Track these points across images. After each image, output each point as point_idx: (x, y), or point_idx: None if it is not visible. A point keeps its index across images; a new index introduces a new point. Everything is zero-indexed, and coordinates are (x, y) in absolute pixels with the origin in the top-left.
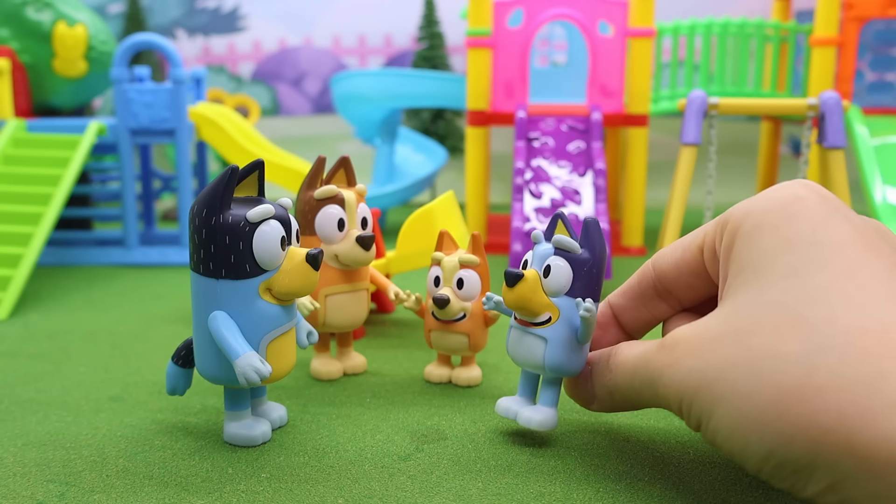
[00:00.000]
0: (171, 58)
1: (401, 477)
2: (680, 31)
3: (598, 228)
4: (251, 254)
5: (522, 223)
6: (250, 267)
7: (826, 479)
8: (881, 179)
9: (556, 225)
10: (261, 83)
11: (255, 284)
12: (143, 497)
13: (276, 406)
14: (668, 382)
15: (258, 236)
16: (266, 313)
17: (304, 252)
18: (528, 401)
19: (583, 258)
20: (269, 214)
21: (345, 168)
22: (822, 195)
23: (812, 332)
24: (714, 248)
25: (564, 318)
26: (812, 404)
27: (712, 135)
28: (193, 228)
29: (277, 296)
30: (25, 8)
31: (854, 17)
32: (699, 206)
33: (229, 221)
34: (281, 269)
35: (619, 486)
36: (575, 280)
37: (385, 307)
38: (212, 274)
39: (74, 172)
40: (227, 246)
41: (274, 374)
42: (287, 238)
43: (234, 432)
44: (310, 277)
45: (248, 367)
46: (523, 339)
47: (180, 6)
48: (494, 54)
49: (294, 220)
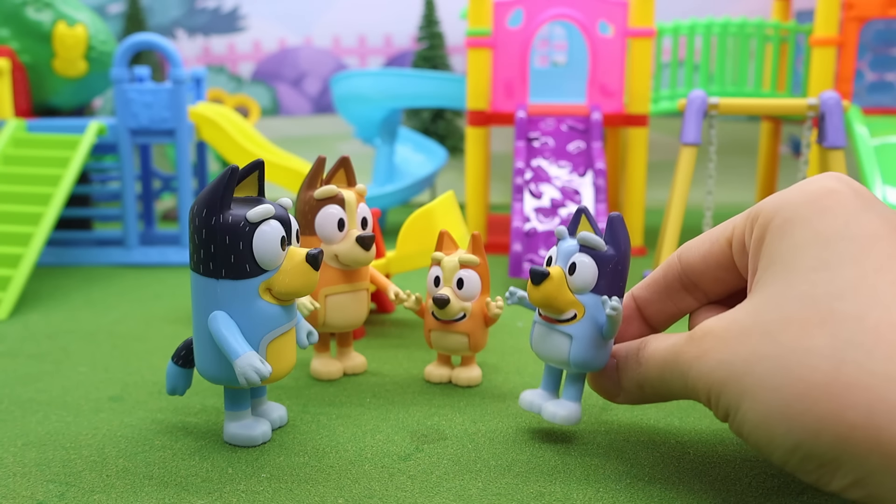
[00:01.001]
0: (171, 58)
1: (401, 477)
2: (680, 31)
3: (622, 224)
4: (251, 254)
5: (522, 223)
6: (250, 267)
7: (852, 474)
8: (881, 179)
9: (581, 220)
10: (261, 83)
11: (255, 284)
12: (143, 497)
13: (276, 406)
14: (696, 374)
15: (258, 236)
16: (266, 313)
17: (305, 252)
18: (551, 395)
19: (608, 255)
20: (269, 214)
21: (345, 168)
22: (855, 189)
23: (841, 327)
24: (743, 242)
25: (590, 314)
26: (840, 400)
27: (712, 135)
28: (193, 228)
29: (277, 296)
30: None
31: (854, 17)
32: (699, 206)
33: (229, 221)
34: (281, 269)
35: (619, 486)
36: (600, 277)
37: (385, 307)
38: (212, 274)
39: (74, 172)
40: (227, 246)
41: (274, 374)
42: (287, 238)
43: (234, 432)
44: (310, 277)
45: (248, 367)
46: (548, 336)
47: (180, 6)
48: (494, 54)
49: (294, 220)
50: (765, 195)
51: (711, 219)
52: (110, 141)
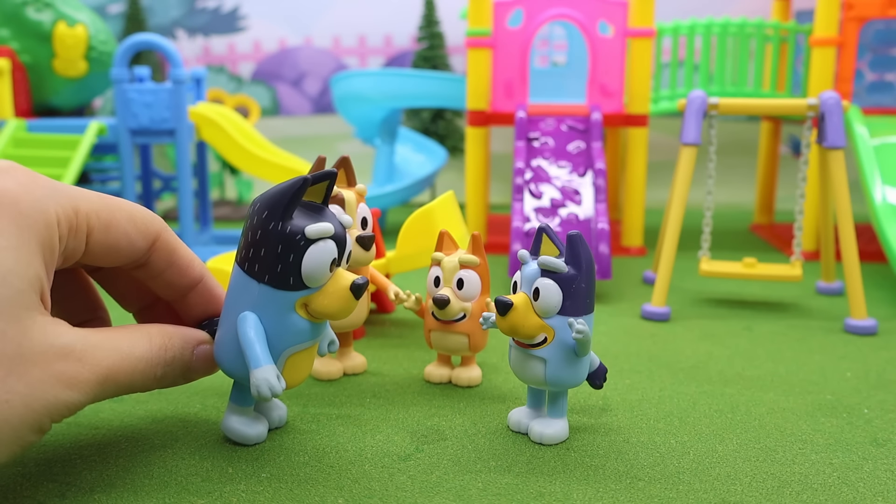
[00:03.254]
0: (172, 58)
1: (401, 477)
2: (680, 31)
3: (582, 242)
4: (299, 268)
5: (522, 223)
6: (294, 280)
7: None
8: (881, 179)
9: (542, 240)
10: (261, 83)
11: (294, 298)
12: (143, 497)
13: (277, 404)
14: None
15: (310, 253)
16: (296, 328)
17: (351, 279)
18: (537, 412)
19: (570, 276)
20: (327, 234)
21: (345, 168)
22: None
23: None
24: None
25: (559, 337)
26: None
27: (712, 135)
28: (250, 225)
29: (313, 314)
30: (26, 8)
31: (854, 17)
32: (699, 206)
33: (287, 231)
34: (323, 289)
35: (619, 486)
36: (566, 298)
37: (385, 307)
38: (255, 275)
39: (74, 172)
40: (277, 254)
41: (286, 385)
42: (338, 260)
43: (232, 426)
44: (350, 304)
45: (264, 381)
46: (524, 360)
47: (180, 6)
48: (494, 54)
49: (350, 240)
50: (765, 195)
51: (711, 219)
52: (110, 141)
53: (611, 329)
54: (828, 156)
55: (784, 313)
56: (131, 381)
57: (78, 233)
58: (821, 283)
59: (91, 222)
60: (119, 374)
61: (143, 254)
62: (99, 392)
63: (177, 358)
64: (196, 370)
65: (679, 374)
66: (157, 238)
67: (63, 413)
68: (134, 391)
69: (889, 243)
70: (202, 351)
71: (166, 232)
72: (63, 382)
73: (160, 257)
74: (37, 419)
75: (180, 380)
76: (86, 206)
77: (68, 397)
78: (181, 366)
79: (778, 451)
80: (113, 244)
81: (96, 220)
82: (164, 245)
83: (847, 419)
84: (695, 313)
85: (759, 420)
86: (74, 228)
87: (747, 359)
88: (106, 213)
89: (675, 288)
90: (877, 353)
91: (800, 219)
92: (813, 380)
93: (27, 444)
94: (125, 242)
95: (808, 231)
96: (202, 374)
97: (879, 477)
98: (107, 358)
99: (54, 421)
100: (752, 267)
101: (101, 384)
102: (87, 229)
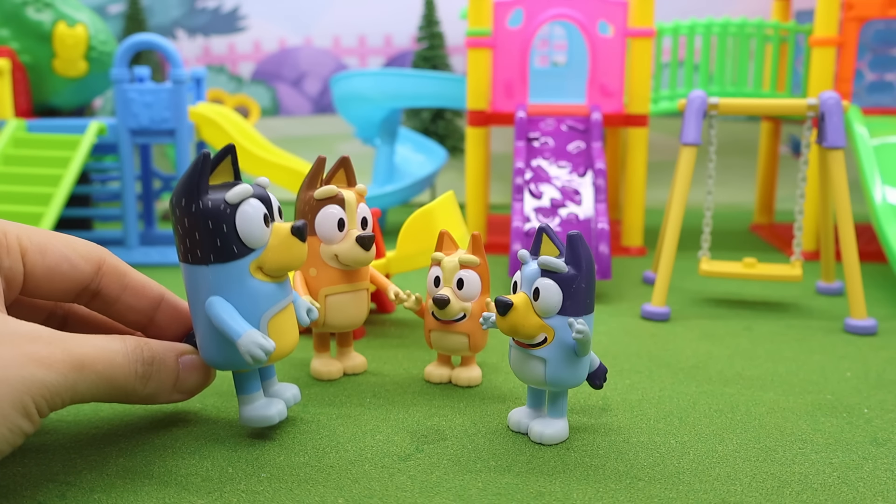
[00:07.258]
0: (172, 58)
1: (401, 477)
2: (680, 31)
3: (582, 242)
4: (236, 234)
5: (522, 223)
6: (237, 248)
7: None
8: (881, 179)
9: (542, 240)
10: (261, 83)
11: (246, 264)
12: (143, 497)
13: (288, 386)
14: None
15: (240, 216)
16: (261, 291)
17: (289, 225)
18: (537, 411)
19: (570, 276)
20: (248, 194)
21: (345, 168)
22: None
23: None
24: None
25: (559, 337)
26: None
27: (712, 135)
28: (176, 219)
29: (269, 272)
30: (25, 8)
31: (854, 17)
32: (699, 206)
33: (209, 206)
34: (268, 245)
35: (619, 486)
36: (566, 298)
37: (385, 307)
38: (200, 261)
39: (74, 172)
40: (211, 230)
41: (278, 350)
42: (270, 215)
43: (250, 415)
44: (298, 249)
45: (252, 343)
46: (524, 360)
47: (180, 6)
48: (494, 54)
49: (274, 196)
50: (765, 195)
51: (711, 219)
52: (110, 141)
53: (611, 329)
54: (828, 156)
55: (784, 313)
56: (112, 374)
57: (10, 251)
58: (821, 283)
59: (23, 243)
60: (96, 362)
61: (90, 278)
62: (78, 377)
63: (157, 359)
64: (186, 380)
65: (679, 373)
66: (103, 262)
67: (43, 393)
68: (122, 390)
69: (889, 243)
70: (189, 360)
71: (111, 257)
72: (35, 361)
73: (111, 281)
74: (18, 397)
75: (169, 387)
76: (14, 228)
77: (45, 376)
78: (165, 371)
79: (778, 450)
80: (53, 267)
81: (28, 242)
82: (111, 269)
83: (847, 419)
84: (695, 313)
85: (759, 420)
86: (5, 247)
87: (747, 359)
88: (39, 236)
89: (675, 288)
90: (877, 353)
91: (800, 219)
92: (813, 380)
93: (18, 431)
94: (67, 266)
95: (808, 231)
96: (196, 385)
97: (879, 477)
98: (79, 347)
99: (38, 405)
100: (752, 267)
101: (77, 369)
102: (19, 249)
